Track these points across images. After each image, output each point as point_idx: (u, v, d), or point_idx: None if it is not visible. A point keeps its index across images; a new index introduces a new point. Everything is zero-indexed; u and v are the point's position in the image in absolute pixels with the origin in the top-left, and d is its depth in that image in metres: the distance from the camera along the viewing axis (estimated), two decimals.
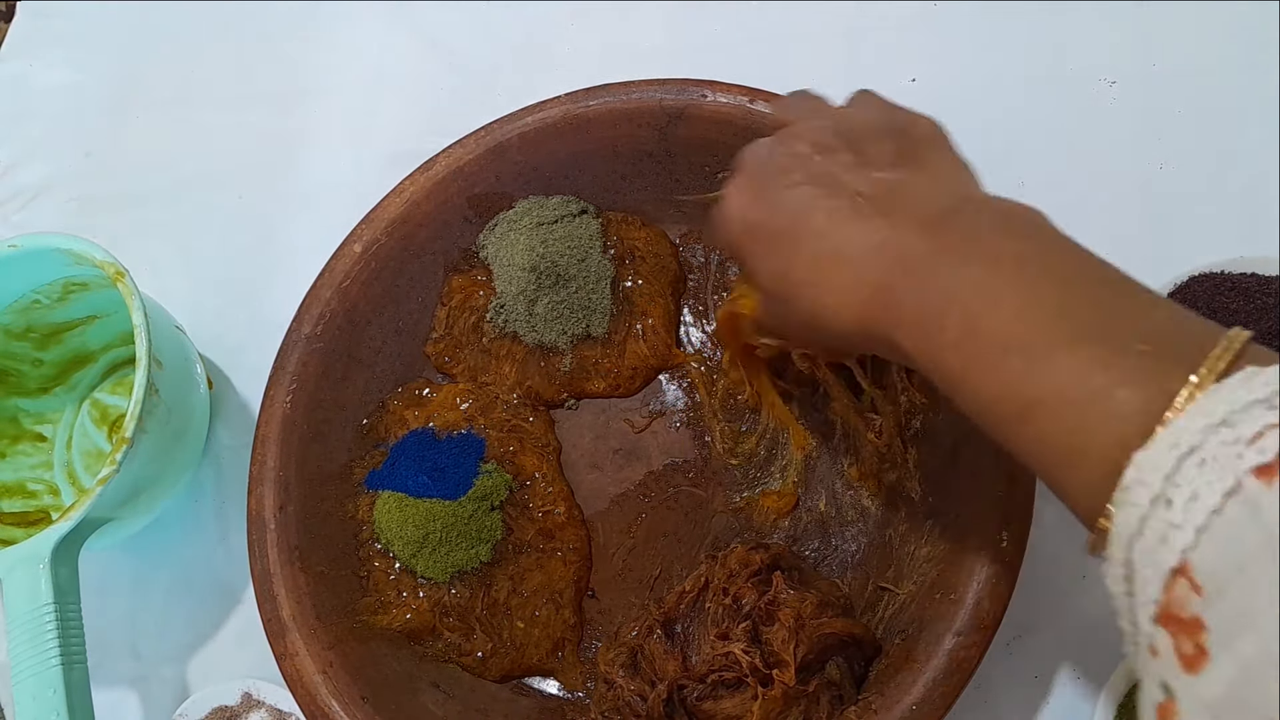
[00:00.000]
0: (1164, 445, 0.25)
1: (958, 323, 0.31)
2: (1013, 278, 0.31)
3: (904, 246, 0.33)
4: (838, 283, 0.35)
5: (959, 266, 0.32)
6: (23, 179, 0.73)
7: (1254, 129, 0.57)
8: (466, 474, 0.52)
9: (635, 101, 0.56)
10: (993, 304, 0.31)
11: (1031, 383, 0.29)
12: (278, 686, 0.52)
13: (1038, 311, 0.30)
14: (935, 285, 0.32)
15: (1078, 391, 0.28)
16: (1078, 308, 0.30)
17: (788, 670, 0.43)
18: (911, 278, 0.33)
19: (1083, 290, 0.30)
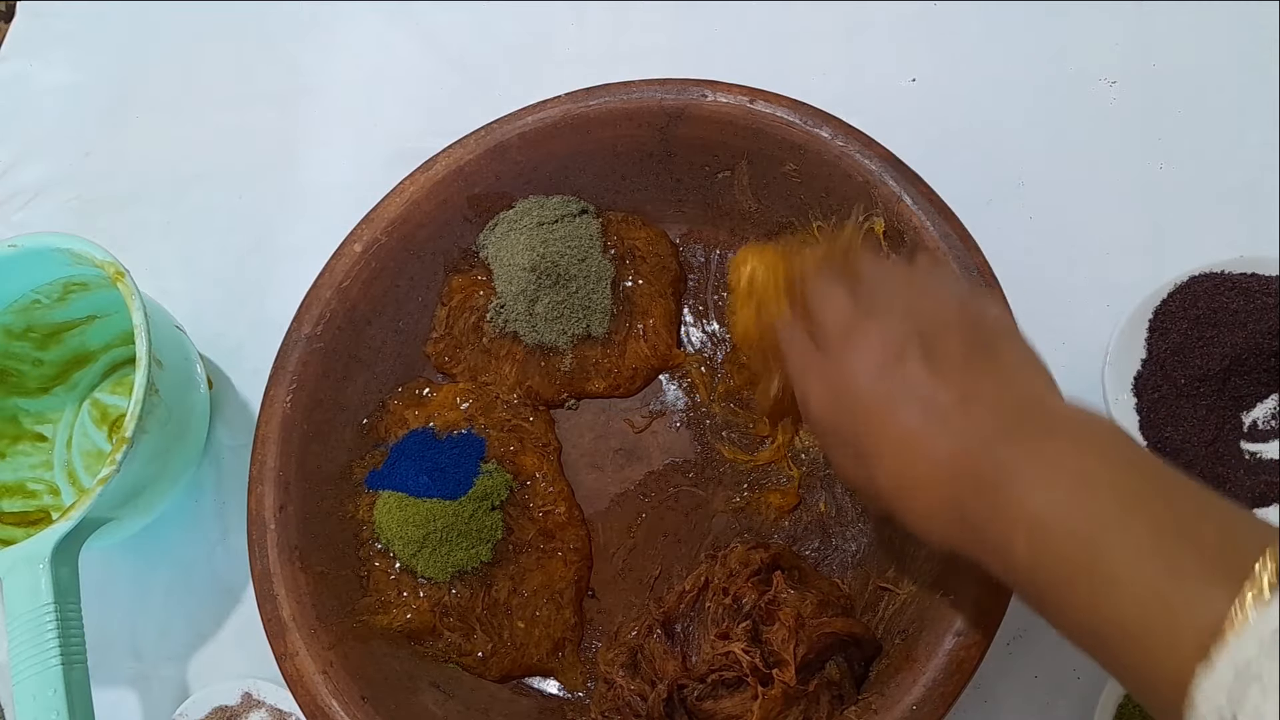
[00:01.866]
0: (1224, 667, 0.26)
1: (1024, 543, 0.32)
2: (1076, 496, 0.31)
3: (974, 467, 0.34)
4: (920, 502, 0.36)
5: (1025, 482, 0.32)
6: (23, 179, 0.73)
7: (1254, 129, 0.57)
8: (467, 474, 0.52)
9: (635, 101, 0.56)
10: (1054, 527, 0.31)
11: (1093, 610, 0.30)
12: (278, 686, 0.52)
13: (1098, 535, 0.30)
14: (1002, 501, 0.33)
15: (1137, 620, 0.29)
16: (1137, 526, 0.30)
17: (788, 670, 0.43)
18: (982, 493, 0.34)
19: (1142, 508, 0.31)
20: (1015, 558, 0.32)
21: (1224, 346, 0.49)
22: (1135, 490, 0.31)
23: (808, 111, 0.53)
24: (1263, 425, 0.50)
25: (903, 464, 0.36)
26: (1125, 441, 0.33)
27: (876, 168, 0.51)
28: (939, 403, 0.36)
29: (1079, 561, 0.30)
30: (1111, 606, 0.30)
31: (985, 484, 0.33)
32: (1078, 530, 0.31)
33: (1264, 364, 0.50)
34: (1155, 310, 0.52)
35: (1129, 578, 0.29)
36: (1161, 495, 0.31)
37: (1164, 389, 0.50)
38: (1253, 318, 0.50)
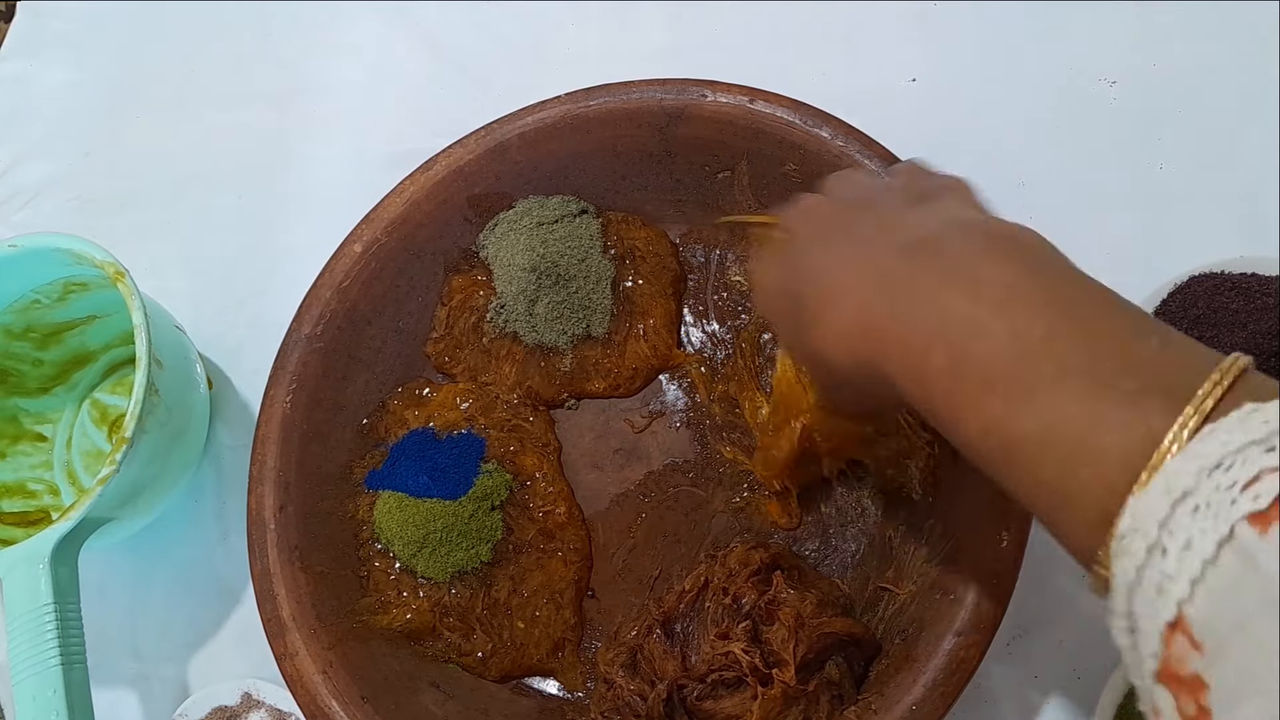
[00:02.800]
0: (1158, 490, 0.24)
1: (940, 357, 0.30)
2: (995, 306, 0.29)
3: (881, 269, 0.32)
4: (831, 316, 0.34)
5: (938, 292, 0.30)
6: (23, 179, 0.73)
7: (1254, 129, 0.57)
8: (467, 474, 0.52)
9: (635, 101, 0.56)
10: (974, 335, 0.29)
11: (1015, 422, 0.28)
12: (278, 686, 0.52)
13: (1019, 346, 0.28)
14: (915, 312, 0.31)
15: (1062, 433, 0.27)
16: (1063, 339, 0.28)
17: (788, 670, 0.43)
18: (890, 302, 0.32)
19: (1070, 320, 0.28)
20: (930, 367, 0.30)
21: (1224, 346, 0.49)
22: (1067, 300, 0.29)
23: (808, 111, 0.53)
24: None
25: (823, 288, 0.35)
26: (1058, 255, 0.31)
27: (876, 168, 0.51)
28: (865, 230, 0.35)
29: (999, 369, 0.28)
30: (1033, 417, 0.27)
31: (902, 290, 0.31)
32: (999, 336, 0.28)
33: (1264, 364, 0.50)
34: (1155, 310, 0.52)
35: (1053, 386, 0.27)
36: (1096, 309, 0.29)
37: None
38: (1253, 318, 0.49)
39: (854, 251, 0.35)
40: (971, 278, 0.30)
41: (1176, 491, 0.23)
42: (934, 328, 0.30)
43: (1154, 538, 0.23)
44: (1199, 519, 0.23)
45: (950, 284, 0.30)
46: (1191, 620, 0.22)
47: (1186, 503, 0.23)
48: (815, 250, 0.37)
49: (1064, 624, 0.49)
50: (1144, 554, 0.24)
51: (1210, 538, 0.22)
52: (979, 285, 0.30)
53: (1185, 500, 0.23)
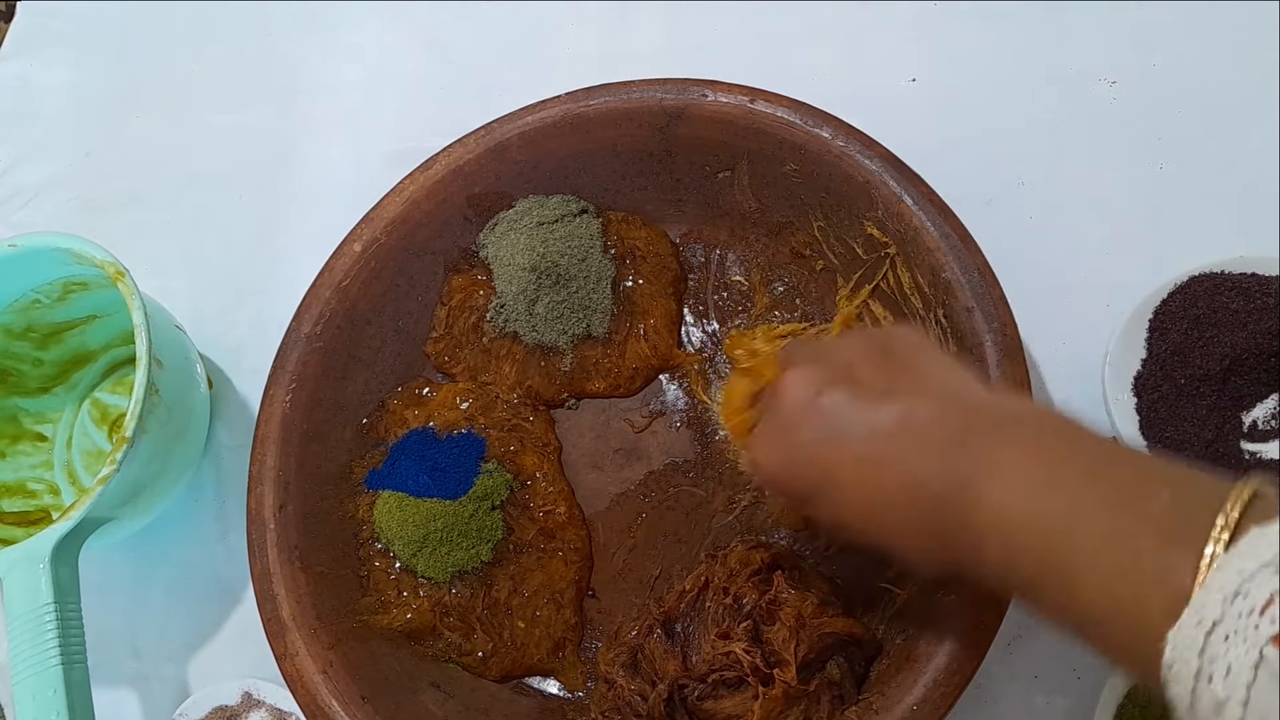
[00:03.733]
0: (1190, 623, 0.26)
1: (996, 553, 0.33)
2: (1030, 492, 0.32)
3: (932, 483, 0.34)
4: (892, 528, 0.36)
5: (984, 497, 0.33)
6: (23, 179, 0.73)
7: (1254, 129, 0.57)
8: (467, 473, 0.52)
9: (635, 101, 0.56)
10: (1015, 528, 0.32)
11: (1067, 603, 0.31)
12: (278, 686, 0.52)
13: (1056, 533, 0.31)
14: (970, 519, 0.33)
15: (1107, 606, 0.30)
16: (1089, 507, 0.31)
17: (788, 669, 0.43)
18: (948, 513, 0.34)
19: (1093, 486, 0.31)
20: (989, 562, 0.33)
21: (1224, 346, 0.49)
22: (1082, 475, 0.32)
23: (808, 111, 0.53)
24: (1263, 425, 0.50)
25: (864, 495, 0.37)
26: (1066, 426, 0.34)
27: (877, 168, 0.51)
28: (878, 424, 0.36)
29: (1046, 557, 0.31)
30: (1083, 595, 0.30)
31: (946, 498, 0.34)
32: (1039, 528, 0.32)
33: (1264, 364, 0.50)
34: (1155, 310, 0.51)
35: (1094, 566, 0.30)
36: (1109, 473, 0.32)
37: (1164, 389, 0.50)
38: (1253, 318, 0.49)
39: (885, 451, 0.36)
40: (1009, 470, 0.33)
41: (1207, 623, 0.26)
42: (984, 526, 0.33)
43: (1196, 666, 0.26)
44: (1232, 647, 0.25)
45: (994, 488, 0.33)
46: None
47: (1218, 632, 0.26)
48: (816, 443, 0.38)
49: None
50: (1192, 680, 0.26)
51: (1247, 662, 0.25)
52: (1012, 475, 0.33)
53: (1216, 630, 0.26)
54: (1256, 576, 0.26)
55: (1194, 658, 0.26)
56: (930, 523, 0.35)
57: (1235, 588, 0.26)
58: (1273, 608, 0.25)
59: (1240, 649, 0.25)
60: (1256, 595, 0.25)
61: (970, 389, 0.37)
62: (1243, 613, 0.25)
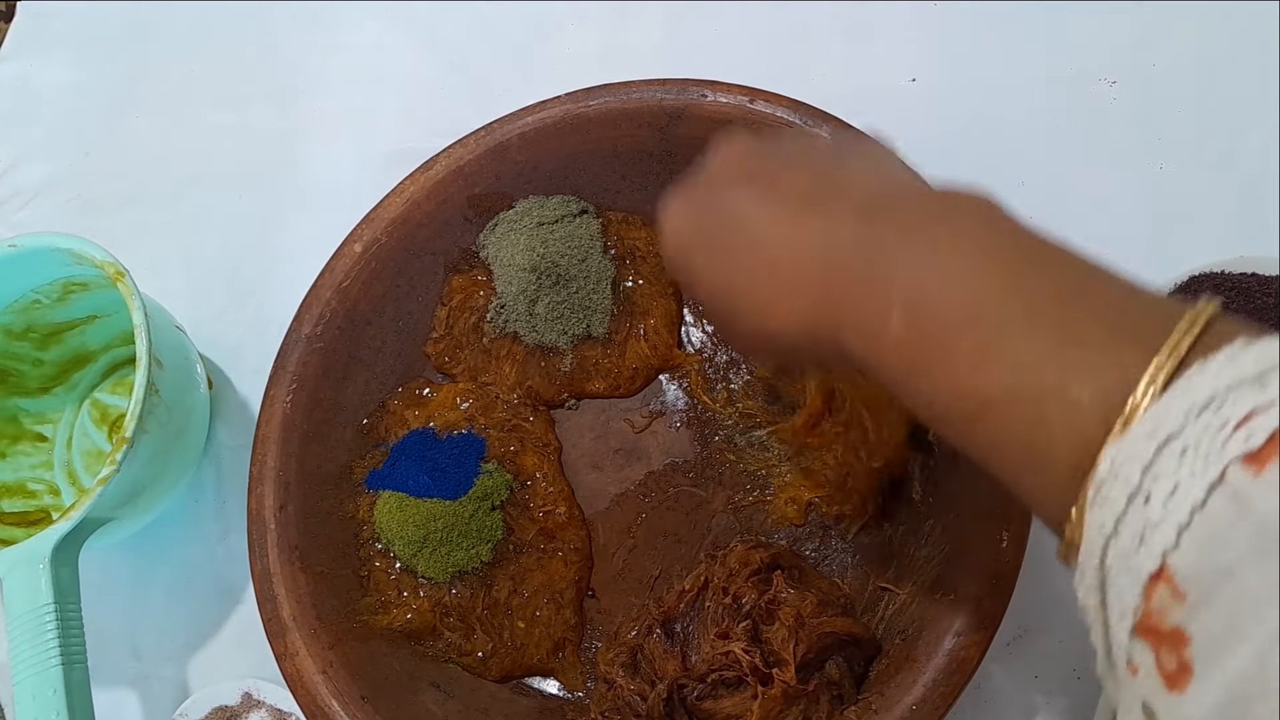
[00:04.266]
0: (1141, 433, 0.23)
1: (900, 316, 0.28)
2: (955, 261, 0.28)
3: (839, 239, 0.31)
4: (778, 289, 0.32)
5: (897, 254, 0.29)
6: (23, 179, 0.73)
7: (1254, 129, 0.57)
8: (467, 474, 0.52)
9: (635, 101, 0.56)
10: (933, 293, 0.28)
11: (981, 378, 0.26)
12: (278, 686, 0.52)
13: (982, 296, 0.27)
14: (873, 277, 0.29)
15: (1030, 387, 0.25)
16: (1026, 290, 0.27)
17: (788, 669, 0.43)
18: (849, 271, 0.30)
19: (1032, 272, 0.27)
20: (890, 333, 0.29)
21: None
22: (1024, 255, 0.28)
23: (808, 111, 0.53)
24: None
25: (764, 249, 0.33)
26: (1008, 215, 0.30)
27: None
28: (806, 186, 0.33)
29: (960, 327, 0.27)
30: (1000, 373, 0.26)
31: (852, 255, 0.30)
32: (958, 295, 0.27)
33: None
34: None
35: (1019, 339, 0.26)
36: (1054, 263, 0.28)
37: None
38: (1253, 318, 0.49)
39: (796, 207, 0.32)
40: (929, 236, 0.29)
41: (1161, 434, 0.22)
42: (892, 290, 0.29)
43: (1136, 484, 0.22)
44: (1186, 462, 0.21)
45: (907, 242, 0.29)
46: (1176, 570, 0.21)
47: (1172, 446, 0.22)
48: (744, 200, 0.34)
49: (1064, 624, 0.49)
50: (1124, 503, 0.23)
51: (1200, 482, 0.21)
52: (936, 244, 0.29)
53: (1171, 443, 0.22)
54: (1236, 389, 0.22)
55: (1136, 474, 0.22)
56: (829, 297, 0.30)
57: (1205, 399, 0.22)
58: (1251, 423, 0.21)
59: (1195, 465, 0.21)
60: (1231, 410, 0.21)
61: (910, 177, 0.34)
62: (1210, 426, 0.21)
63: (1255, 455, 0.21)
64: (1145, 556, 0.22)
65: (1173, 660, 0.21)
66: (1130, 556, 0.22)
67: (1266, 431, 0.20)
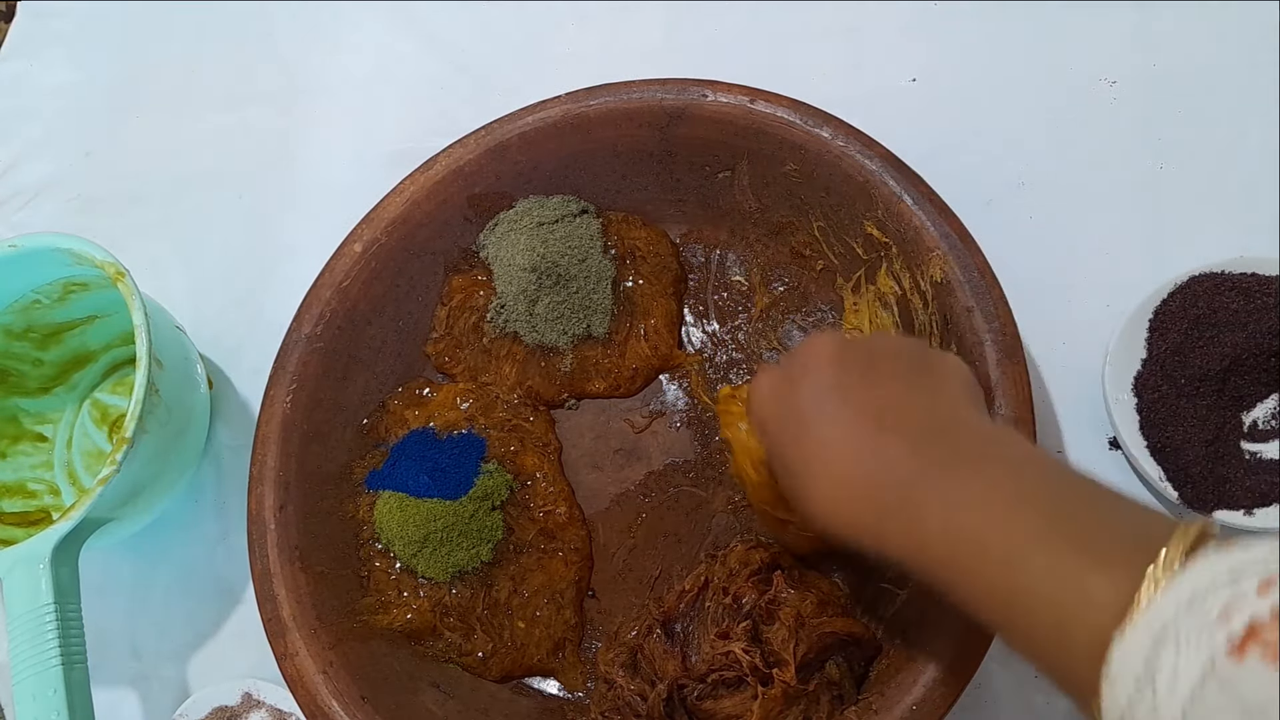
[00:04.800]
0: (1142, 629, 0.26)
1: (939, 535, 0.33)
2: (988, 490, 0.33)
3: (892, 466, 0.35)
4: (834, 494, 0.37)
5: (941, 482, 0.34)
6: (23, 179, 0.73)
7: (1254, 129, 0.57)
8: (467, 474, 0.52)
9: (635, 101, 0.56)
10: (971, 513, 0.33)
11: (1010, 585, 0.31)
12: (278, 686, 0.52)
13: (1012, 517, 0.32)
14: (919, 501, 0.34)
15: (1054, 588, 0.29)
16: (1050, 512, 0.31)
17: (788, 669, 0.43)
18: (897, 496, 0.35)
19: (1055, 496, 0.32)
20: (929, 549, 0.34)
21: (1224, 346, 0.49)
22: (1047, 483, 0.33)
23: (808, 111, 0.53)
24: (1263, 425, 0.50)
25: (825, 449, 0.37)
26: (1034, 454, 0.35)
27: (877, 168, 0.51)
28: (865, 411, 0.37)
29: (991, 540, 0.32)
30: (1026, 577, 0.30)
31: (902, 483, 0.35)
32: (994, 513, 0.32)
33: (1264, 364, 0.50)
34: (1155, 310, 0.51)
35: (1042, 551, 0.30)
36: (1072, 487, 0.32)
37: (1164, 389, 0.50)
38: (1253, 318, 0.49)
39: (863, 431, 0.37)
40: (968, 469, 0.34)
41: (1157, 627, 0.26)
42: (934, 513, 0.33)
43: (1141, 671, 0.26)
44: (1182, 653, 0.25)
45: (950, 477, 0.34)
46: None
47: (1169, 638, 0.25)
48: (824, 403, 0.38)
49: None
50: (1133, 687, 0.26)
51: (1195, 668, 0.24)
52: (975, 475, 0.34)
53: (1166, 636, 0.25)
54: (1214, 587, 0.25)
55: (1139, 663, 0.26)
56: (876, 503, 0.35)
57: (1189, 597, 0.26)
58: (1230, 618, 0.24)
59: (1190, 654, 0.25)
60: (1212, 604, 0.25)
61: (965, 405, 0.38)
62: (1197, 620, 0.25)
63: (1237, 646, 0.24)
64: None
65: None
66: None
67: (1242, 624, 0.24)
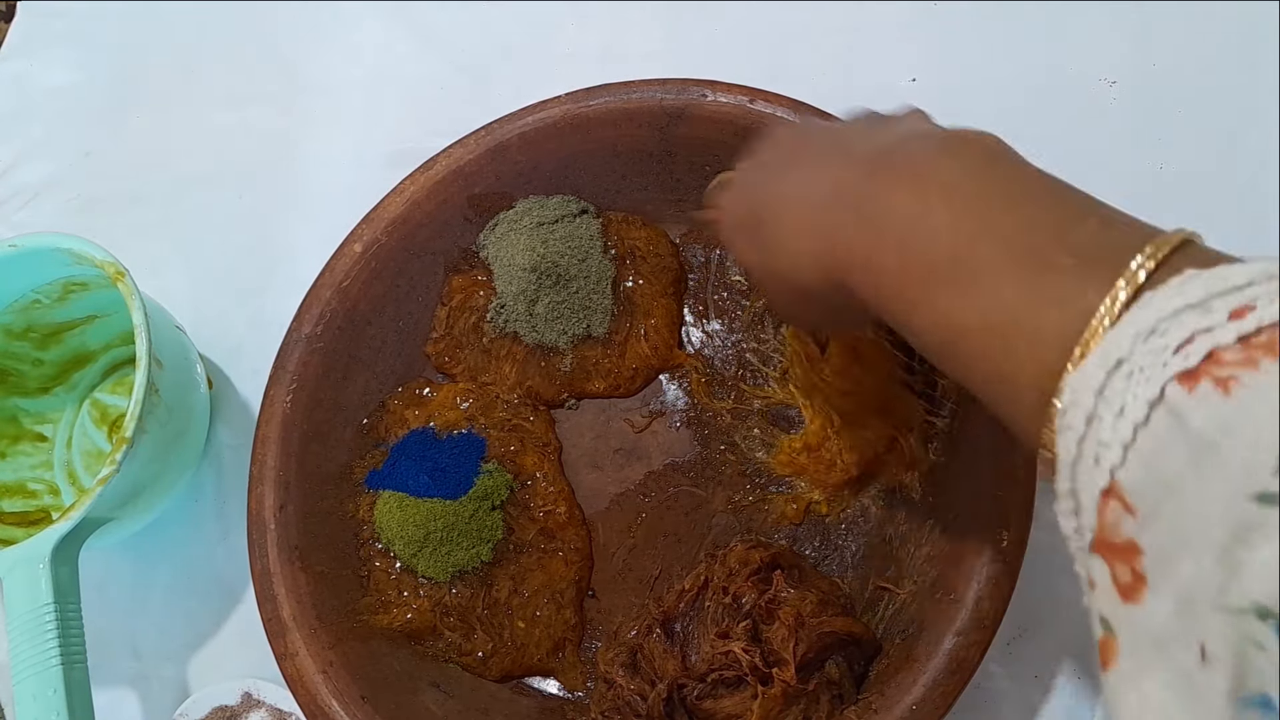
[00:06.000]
0: (1094, 361, 0.24)
1: (891, 254, 0.30)
2: (938, 202, 0.30)
3: (844, 187, 0.33)
4: (795, 235, 0.34)
5: (889, 195, 0.31)
6: (23, 179, 0.73)
7: (1254, 129, 0.57)
8: (467, 473, 0.52)
9: (635, 101, 0.56)
10: (917, 230, 0.29)
11: (958, 312, 0.28)
12: (278, 686, 0.52)
13: (958, 236, 0.29)
14: (871, 217, 0.31)
15: (1001, 318, 0.27)
16: (1001, 229, 0.28)
17: (788, 669, 0.43)
18: (851, 212, 0.32)
19: (1013, 209, 0.29)
20: (884, 269, 0.30)
21: None
22: (1010, 192, 0.29)
23: (808, 111, 0.53)
24: None
25: (787, 208, 0.35)
26: (1010, 153, 0.31)
27: None
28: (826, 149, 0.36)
29: (940, 261, 0.29)
30: (975, 305, 0.28)
31: (855, 196, 0.32)
32: (941, 230, 0.29)
33: None
34: None
35: (994, 272, 0.27)
36: (1041, 198, 0.29)
37: None
38: None
39: (815, 170, 0.35)
40: (918, 177, 0.31)
41: (1111, 360, 0.23)
42: (884, 229, 0.30)
43: (1090, 408, 0.23)
44: (1132, 384, 0.22)
45: (899, 185, 0.31)
46: (1124, 485, 0.22)
47: (1121, 370, 0.23)
48: (778, 173, 0.37)
49: (1064, 624, 0.49)
50: (1083, 426, 0.23)
51: (1142, 400, 0.22)
52: (924, 183, 0.30)
53: (1120, 367, 0.23)
54: (1180, 316, 0.22)
55: (1089, 398, 0.23)
56: (831, 216, 0.33)
57: (1152, 325, 0.23)
58: (1191, 345, 0.22)
59: (1139, 387, 0.22)
60: (1174, 335, 0.22)
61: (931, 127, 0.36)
62: (1154, 350, 0.22)
63: (1190, 374, 0.21)
64: (1099, 475, 0.23)
65: (1126, 572, 0.22)
66: (1089, 476, 0.23)
67: (1201, 353, 0.21)
